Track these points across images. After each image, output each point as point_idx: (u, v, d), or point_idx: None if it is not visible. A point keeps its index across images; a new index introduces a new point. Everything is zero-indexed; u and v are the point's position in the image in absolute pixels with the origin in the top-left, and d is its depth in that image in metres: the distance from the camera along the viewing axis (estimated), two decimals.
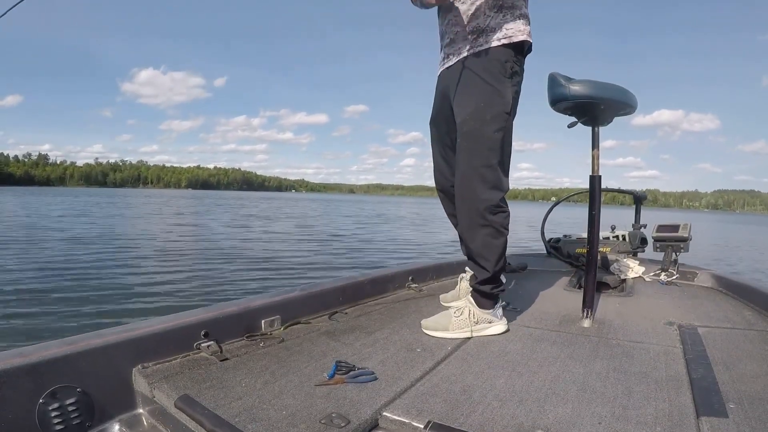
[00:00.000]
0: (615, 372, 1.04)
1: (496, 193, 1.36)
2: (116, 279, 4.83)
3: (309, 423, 0.79)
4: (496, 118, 1.34)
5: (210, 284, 4.84)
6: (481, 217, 1.36)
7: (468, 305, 1.38)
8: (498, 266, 1.38)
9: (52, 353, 0.86)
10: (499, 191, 1.37)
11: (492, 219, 1.36)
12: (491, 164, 1.35)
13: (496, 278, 1.39)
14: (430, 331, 1.36)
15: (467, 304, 1.39)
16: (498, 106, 1.34)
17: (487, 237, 1.37)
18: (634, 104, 1.43)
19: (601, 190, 1.50)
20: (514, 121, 1.41)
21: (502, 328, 1.38)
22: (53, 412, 0.82)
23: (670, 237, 2.31)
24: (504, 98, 1.34)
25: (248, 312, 1.26)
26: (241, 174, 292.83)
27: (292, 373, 1.01)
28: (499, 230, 1.37)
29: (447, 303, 1.66)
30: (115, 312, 3.64)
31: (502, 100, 1.34)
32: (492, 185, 1.35)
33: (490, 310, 1.38)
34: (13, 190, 63.76)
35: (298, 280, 5.32)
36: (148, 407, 0.93)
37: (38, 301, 3.83)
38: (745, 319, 1.54)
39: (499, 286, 1.41)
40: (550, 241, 2.66)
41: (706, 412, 0.82)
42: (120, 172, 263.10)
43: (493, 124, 1.34)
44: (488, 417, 0.82)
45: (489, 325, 1.37)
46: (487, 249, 1.38)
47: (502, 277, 1.43)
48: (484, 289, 1.39)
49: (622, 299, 1.83)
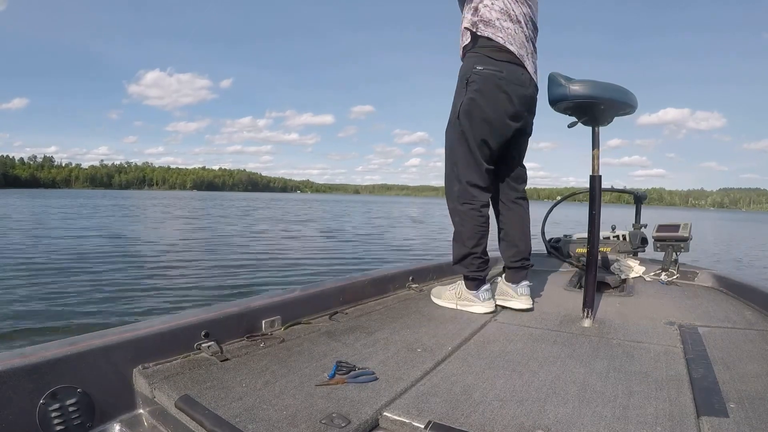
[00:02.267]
0: (615, 372, 1.04)
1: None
2: (117, 279, 4.84)
3: (309, 423, 0.79)
4: None
5: (210, 285, 4.84)
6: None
7: (460, 283, 1.66)
8: (459, 252, 1.63)
9: (53, 354, 0.86)
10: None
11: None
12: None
13: (461, 260, 1.63)
14: (433, 297, 1.74)
15: (460, 283, 1.66)
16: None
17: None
18: (634, 104, 1.43)
19: (602, 189, 1.50)
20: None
21: (481, 309, 1.59)
22: (54, 412, 0.82)
23: (670, 237, 2.31)
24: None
25: (249, 312, 1.26)
26: (246, 175, 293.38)
27: (292, 373, 1.01)
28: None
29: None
30: (116, 312, 3.64)
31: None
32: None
33: (473, 291, 1.61)
34: (19, 193, 63.85)
35: (299, 279, 5.32)
36: (148, 407, 0.93)
37: (39, 301, 3.83)
38: (746, 318, 1.54)
39: (470, 270, 1.61)
40: (551, 241, 2.66)
41: (706, 412, 0.82)
42: (125, 174, 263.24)
43: None
44: (489, 417, 0.82)
45: (470, 304, 1.61)
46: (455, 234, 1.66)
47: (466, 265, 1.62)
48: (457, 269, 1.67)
49: (623, 299, 1.83)
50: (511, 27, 1.52)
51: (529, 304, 1.63)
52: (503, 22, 1.51)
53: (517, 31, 1.53)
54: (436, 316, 1.53)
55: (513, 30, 1.52)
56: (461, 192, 1.59)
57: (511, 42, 1.51)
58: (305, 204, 43.06)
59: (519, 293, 1.63)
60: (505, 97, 1.51)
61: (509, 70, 1.51)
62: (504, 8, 1.51)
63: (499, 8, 1.51)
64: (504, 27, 1.51)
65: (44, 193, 60.66)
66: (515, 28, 1.52)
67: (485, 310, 1.58)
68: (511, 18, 1.52)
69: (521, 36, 1.54)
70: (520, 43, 1.53)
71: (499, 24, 1.51)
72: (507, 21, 1.51)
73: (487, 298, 1.61)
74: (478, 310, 1.58)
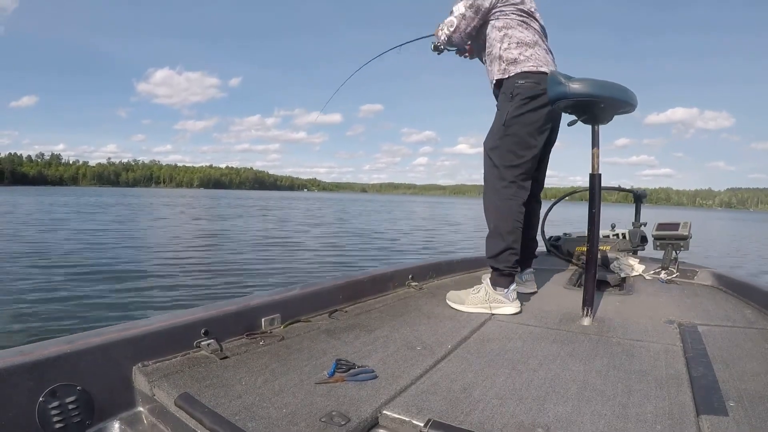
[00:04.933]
0: (615, 370, 1.04)
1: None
2: (117, 277, 4.84)
3: (309, 421, 0.79)
4: None
5: (210, 282, 4.85)
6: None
7: (485, 285, 1.60)
8: (496, 247, 1.61)
9: (53, 351, 0.86)
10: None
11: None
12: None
13: (498, 255, 1.60)
14: (451, 302, 1.64)
15: (484, 284, 1.60)
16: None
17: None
18: (633, 102, 1.43)
19: (601, 188, 1.50)
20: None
21: (511, 309, 1.55)
22: (53, 410, 0.82)
23: (670, 235, 2.31)
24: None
25: (248, 310, 1.26)
26: (253, 173, 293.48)
27: (292, 371, 1.01)
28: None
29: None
30: (116, 310, 3.64)
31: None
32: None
33: (503, 290, 1.56)
34: (26, 190, 63.74)
35: (299, 278, 5.32)
36: (148, 405, 0.93)
37: (39, 299, 3.83)
38: (745, 317, 1.54)
39: (506, 265, 1.59)
40: (551, 240, 2.66)
41: (706, 411, 0.82)
42: (132, 172, 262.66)
43: None
44: (488, 415, 0.82)
45: (501, 305, 1.56)
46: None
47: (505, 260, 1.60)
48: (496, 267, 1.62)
49: (622, 297, 1.83)
50: (537, 52, 1.63)
51: (534, 288, 1.86)
52: (526, 52, 1.62)
53: (538, 51, 1.63)
54: (435, 315, 1.53)
55: (535, 53, 1.63)
56: (501, 190, 1.63)
57: (539, 65, 1.61)
58: (319, 202, 42.75)
59: (525, 279, 1.85)
60: (544, 105, 1.58)
61: (545, 83, 1.57)
62: (523, 41, 1.62)
63: (516, 43, 1.63)
64: (533, 57, 1.62)
65: (50, 191, 60.51)
66: (538, 50, 1.64)
67: (515, 311, 1.56)
68: (529, 44, 1.63)
69: (542, 51, 1.65)
70: (544, 60, 1.63)
71: (526, 56, 1.61)
72: (531, 49, 1.63)
73: (515, 298, 1.59)
74: (509, 311, 1.55)
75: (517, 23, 1.64)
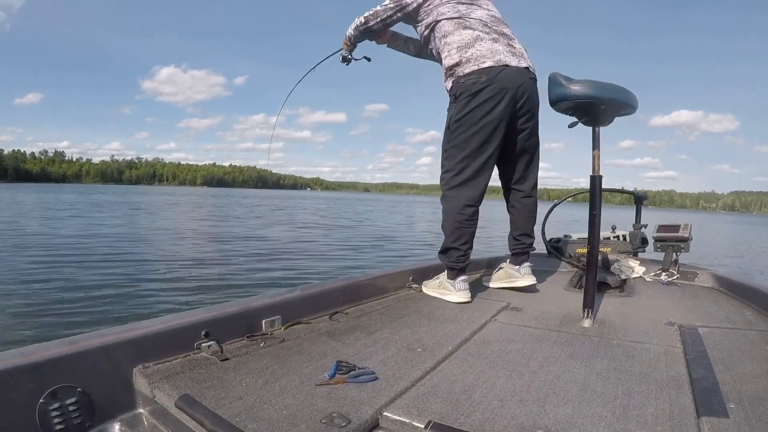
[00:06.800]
0: (615, 372, 1.04)
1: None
2: (117, 279, 4.83)
3: (309, 423, 0.79)
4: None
5: (211, 284, 4.84)
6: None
7: (442, 275, 1.80)
8: (443, 245, 1.80)
9: (53, 353, 0.86)
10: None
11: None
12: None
13: (444, 252, 1.79)
14: (422, 286, 1.89)
15: (443, 274, 1.80)
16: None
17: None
18: (634, 104, 1.43)
19: (602, 190, 1.50)
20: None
21: (454, 298, 1.71)
22: (54, 411, 0.82)
23: (670, 237, 2.31)
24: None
25: (249, 312, 1.26)
26: (256, 172, 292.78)
27: (292, 373, 1.01)
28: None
29: (491, 283, 2.01)
30: (116, 312, 3.64)
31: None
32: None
33: (451, 281, 1.74)
34: (29, 187, 63.73)
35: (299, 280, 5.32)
36: (148, 407, 0.93)
37: (39, 301, 3.83)
38: (746, 319, 1.54)
39: (449, 261, 1.76)
40: (551, 241, 2.66)
41: (706, 413, 0.82)
42: (135, 170, 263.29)
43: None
44: (489, 417, 0.82)
45: (447, 293, 1.74)
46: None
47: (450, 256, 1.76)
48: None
49: (623, 299, 1.83)
50: (478, 50, 1.62)
51: (533, 281, 1.89)
52: (466, 53, 1.63)
53: (479, 47, 1.63)
54: (436, 316, 1.53)
55: (481, 50, 1.62)
56: (445, 192, 1.77)
57: (483, 61, 1.61)
58: (323, 202, 42.67)
59: (522, 273, 1.88)
60: (490, 98, 1.61)
61: (489, 75, 1.60)
62: (462, 44, 1.64)
63: (458, 46, 1.64)
64: (473, 57, 1.62)
65: (53, 188, 60.41)
66: (479, 45, 1.63)
67: (458, 300, 1.70)
68: (468, 44, 1.63)
69: (486, 44, 1.64)
70: (488, 52, 1.62)
71: (465, 58, 1.63)
72: (470, 49, 1.63)
73: (462, 288, 1.72)
74: (452, 299, 1.71)
75: (454, 27, 1.66)
